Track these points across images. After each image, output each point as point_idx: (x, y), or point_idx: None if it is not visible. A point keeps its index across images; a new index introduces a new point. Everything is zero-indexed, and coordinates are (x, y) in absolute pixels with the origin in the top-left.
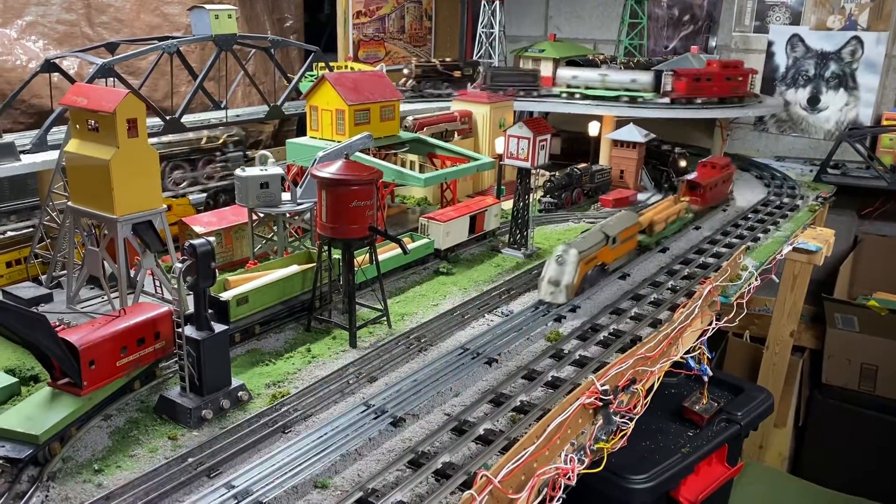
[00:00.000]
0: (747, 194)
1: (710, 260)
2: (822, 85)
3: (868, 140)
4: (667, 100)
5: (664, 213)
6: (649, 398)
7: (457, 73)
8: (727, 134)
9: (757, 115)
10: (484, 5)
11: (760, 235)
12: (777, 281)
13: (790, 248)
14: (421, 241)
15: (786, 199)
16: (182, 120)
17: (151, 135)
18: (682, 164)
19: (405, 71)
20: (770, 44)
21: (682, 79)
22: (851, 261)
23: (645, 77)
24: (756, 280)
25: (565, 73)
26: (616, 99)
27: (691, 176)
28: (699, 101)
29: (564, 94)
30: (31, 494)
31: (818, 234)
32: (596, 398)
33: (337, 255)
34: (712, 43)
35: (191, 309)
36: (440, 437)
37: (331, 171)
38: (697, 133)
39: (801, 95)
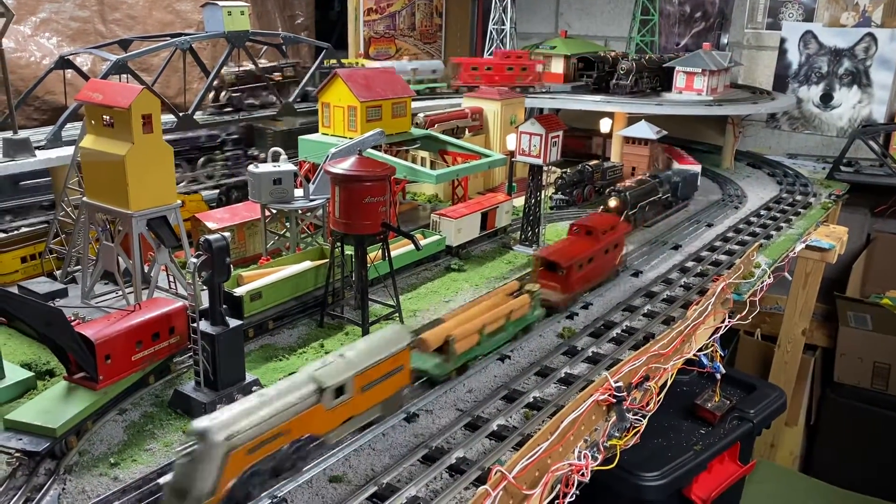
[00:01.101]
0: (760, 192)
1: (723, 257)
2: (836, 82)
3: (881, 137)
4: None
5: (479, 321)
6: (662, 395)
7: (277, 77)
8: (739, 131)
9: (769, 112)
10: (495, 2)
11: (773, 233)
12: (789, 279)
13: (803, 245)
14: (432, 238)
15: (798, 197)
16: (195, 116)
17: None
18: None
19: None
20: (783, 41)
21: (462, 68)
22: (864, 259)
23: (441, 67)
24: (769, 277)
25: None
26: (419, 92)
27: (548, 251)
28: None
29: None
30: (48, 487)
31: (831, 231)
32: (609, 395)
33: (349, 251)
34: (724, 40)
35: (205, 304)
36: (454, 432)
37: (344, 167)
38: (709, 130)
39: (813, 92)
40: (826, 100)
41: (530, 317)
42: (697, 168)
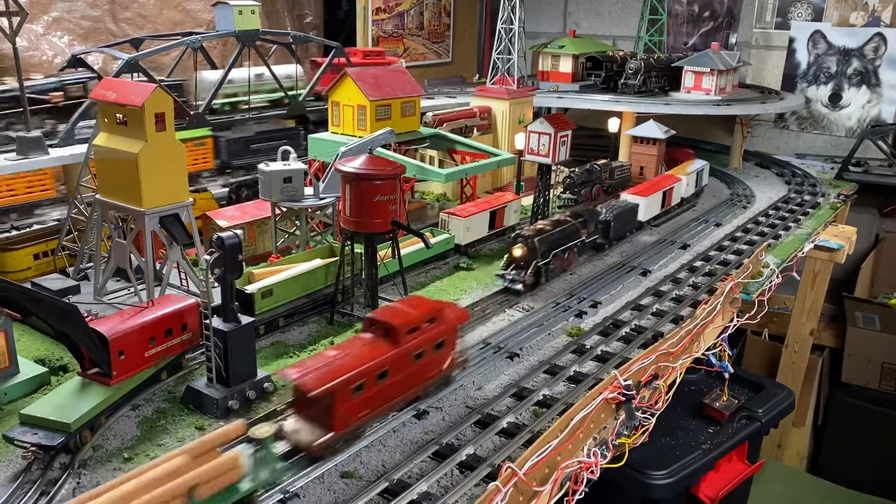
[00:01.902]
0: (768, 192)
1: (731, 257)
2: (844, 82)
3: (890, 137)
4: None
5: None
6: (671, 394)
7: (55, 97)
8: (747, 131)
9: (777, 112)
10: (503, 1)
11: (782, 233)
12: (798, 279)
13: (811, 245)
14: (441, 237)
15: (807, 197)
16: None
17: None
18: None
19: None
20: (791, 40)
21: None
22: (873, 259)
23: (300, 73)
24: (777, 277)
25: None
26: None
27: (302, 368)
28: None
29: (227, 107)
30: (63, 481)
31: (840, 231)
32: (619, 393)
33: (359, 249)
34: (732, 39)
35: (216, 301)
36: (464, 429)
37: (355, 165)
38: (717, 130)
39: (822, 92)
40: (835, 100)
41: (239, 489)
42: (638, 199)
